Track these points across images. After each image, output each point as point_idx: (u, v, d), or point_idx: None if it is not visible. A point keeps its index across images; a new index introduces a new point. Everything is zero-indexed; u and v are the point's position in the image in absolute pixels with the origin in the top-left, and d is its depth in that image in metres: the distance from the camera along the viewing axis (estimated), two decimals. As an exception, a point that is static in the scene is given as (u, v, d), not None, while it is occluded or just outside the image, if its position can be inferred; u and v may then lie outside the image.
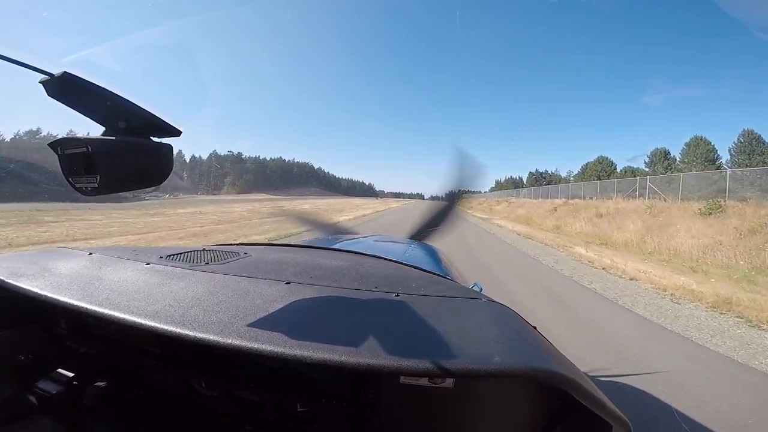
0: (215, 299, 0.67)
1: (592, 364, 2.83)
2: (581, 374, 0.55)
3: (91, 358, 0.85)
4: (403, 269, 1.07)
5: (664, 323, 4.19)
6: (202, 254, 1.02)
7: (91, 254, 0.97)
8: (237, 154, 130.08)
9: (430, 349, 0.52)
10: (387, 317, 0.64)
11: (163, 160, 0.61)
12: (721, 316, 4.48)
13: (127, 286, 0.74)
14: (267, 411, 0.73)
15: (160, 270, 0.84)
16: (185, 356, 0.75)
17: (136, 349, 0.79)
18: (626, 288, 5.87)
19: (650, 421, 2.18)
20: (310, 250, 1.26)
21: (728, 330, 4.01)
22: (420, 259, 1.59)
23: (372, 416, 0.66)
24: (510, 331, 0.62)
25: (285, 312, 0.63)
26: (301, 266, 0.95)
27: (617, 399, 0.54)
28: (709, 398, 2.48)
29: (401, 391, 0.64)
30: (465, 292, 0.87)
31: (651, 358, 3.18)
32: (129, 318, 0.59)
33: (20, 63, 0.45)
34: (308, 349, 0.50)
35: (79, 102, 0.52)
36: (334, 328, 0.58)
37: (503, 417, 0.68)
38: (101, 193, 0.53)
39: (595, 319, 4.29)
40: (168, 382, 0.82)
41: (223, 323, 0.57)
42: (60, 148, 0.54)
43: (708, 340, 3.68)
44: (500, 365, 0.49)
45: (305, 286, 0.77)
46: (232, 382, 0.73)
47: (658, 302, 5.08)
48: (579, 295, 5.39)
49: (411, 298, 0.73)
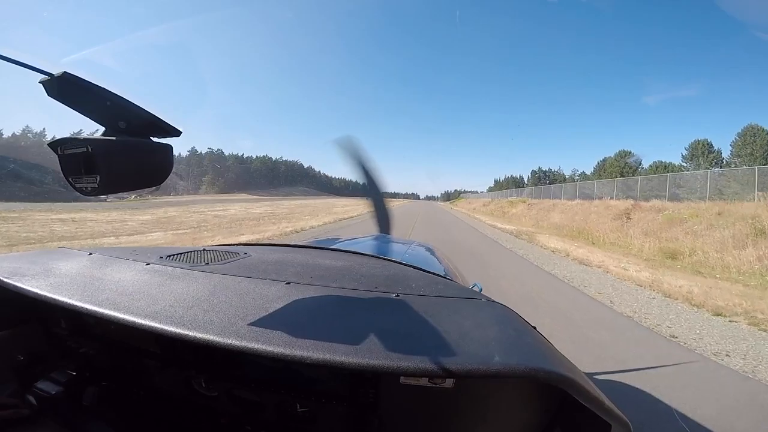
0: (215, 299, 0.67)
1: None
2: (581, 374, 0.55)
3: (91, 358, 0.85)
4: (402, 269, 1.07)
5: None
6: (202, 254, 1.02)
7: (91, 254, 0.97)
8: (217, 151, 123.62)
9: (430, 349, 0.52)
10: (387, 317, 0.64)
11: (163, 160, 0.61)
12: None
13: (127, 286, 0.74)
14: (267, 411, 0.73)
15: (160, 270, 0.84)
16: (185, 356, 0.75)
17: (136, 349, 0.79)
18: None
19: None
20: (310, 250, 1.26)
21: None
22: (420, 259, 1.59)
23: (372, 416, 0.66)
24: (510, 331, 0.62)
25: (285, 312, 0.63)
26: (301, 266, 0.95)
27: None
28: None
29: (401, 391, 0.64)
30: (465, 292, 0.87)
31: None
32: (129, 318, 0.59)
33: (20, 63, 0.45)
34: (308, 349, 0.50)
35: (79, 102, 0.52)
36: (334, 328, 0.58)
37: (503, 417, 0.68)
38: (101, 193, 0.53)
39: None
40: (168, 382, 0.82)
41: (223, 323, 0.57)
42: (60, 148, 0.54)
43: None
44: (500, 365, 0.49)
45: (305, 286, 0.77)
46: (232, 382, 0.73)
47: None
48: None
49: (411, 298, 0.73)
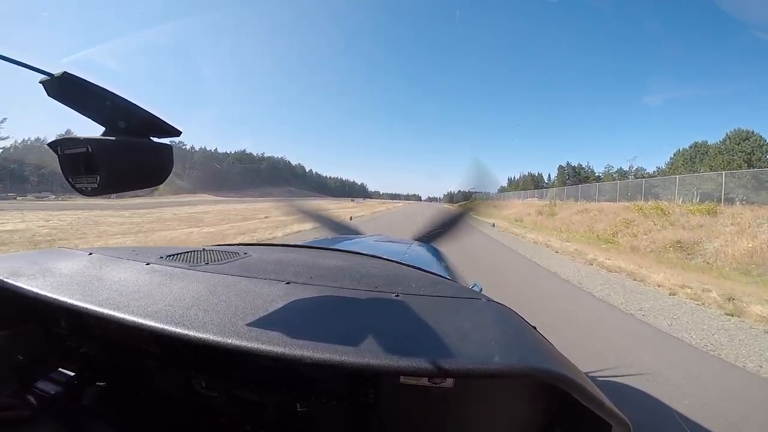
0: (215, 299, 0.67)
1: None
2: (581, 374, 0.55)
3: (91, 358, 0.85)
4: (403, 269, 1.07)
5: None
6: (202, 254, 1.02)
7: (91, 254, 0.97)
8: (179, 143, 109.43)
9: (430, 349, 0.52)
10: (387, 317, 0.64)
11: (163, 160, 0.61)
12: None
13: (127, 286, 0.74)
14: (267, 411, 0.73)
15: (160, 270, 0.85)
16: (185, 356, 0.75)
17: (135, 349, 0.79)
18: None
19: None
20: (310, 250, 1.26)
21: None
22: (420, 260, 1.59)
23: (372, 416, 0.66)
24: (510, 330, 0.62)
25: (285, 312, 0.63)
26: (301, 266, 0.95)
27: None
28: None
29: (401, 391, 0.64)
30: (465, 292, 0.87)
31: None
32: (129, 318, 0.60)
33: (20, 63, 0.46)
34: (308, 349, 0.50)
35: (79, 102, 0.52)
36: (334, 328, 0.58)
37: (503, 417, 0.68)
38: (101, 194, 0.53)
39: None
40: (168, 382, 0.82)
41: (223, 323, 0.57)
42: (60, 148, 0.54)
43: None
44: (500, 365, 0.49)
45: (305, 286, 0.77)
46: (232, 382, 0.73)
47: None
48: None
49: (411, 299, 0.73)
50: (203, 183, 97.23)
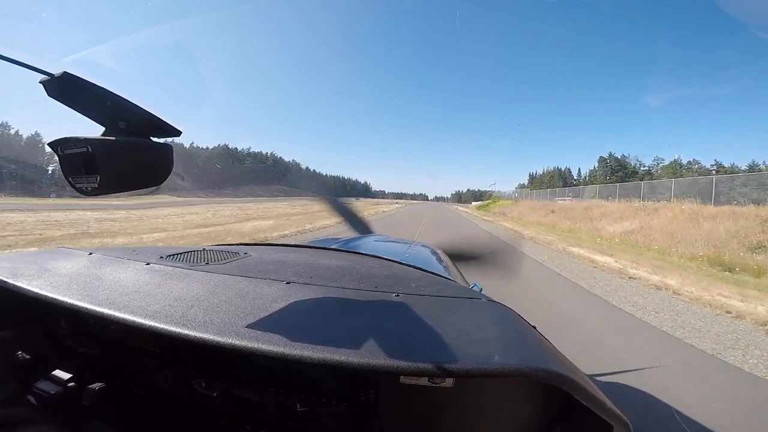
0: (215, 299, 0.67)
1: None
2: (581, 374, 0.55)
3: (91, 358, 0.85)
4: (403, 269, 1.07)
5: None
6: (202, 254, 1.02)
7: (91, 254, 0.97)
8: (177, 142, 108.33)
9: (430, 348, 0.52)
10: (387, 317, 0.64)
11: (163, 160, 0.61)
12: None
13: (127, 286, 0.74)
14: (267, 411, 0.73)
15: (160, 270, 0.84)
16: (185, 356, 0.75)
17: (136, 349, 0.79)
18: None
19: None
20: (310, 250, 1.26)
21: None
22: (420, 259, 1.59)
23: (372, 416, 0.66)
24: (510, 330, 0.62)
25: (285, 312, 0.63)
26: (301, 266, 0.95)
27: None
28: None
29: (401, 391, 0.64)
30: (465, 291, 0.87)
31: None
32: (129, 318, 0.60)
33: (20, 63, 0.46)
34: (308, 349, 0.50)
35: (79, 102, 0.52)
36: (334, 328, 0.58)
37: (503, 417, 0.68)
38: (101, 194, 0.53)
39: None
40: (168, 382, 0.82)
41: (223, 323, 0.57)
42: (60, 148, 0.54)
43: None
44: (500, 365, 0.49)
45: (305, 286, 0.77)
46: (232, 382, 0.73)
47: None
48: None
49: (411, 298, 0.73)
50: (174, 181, 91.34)
